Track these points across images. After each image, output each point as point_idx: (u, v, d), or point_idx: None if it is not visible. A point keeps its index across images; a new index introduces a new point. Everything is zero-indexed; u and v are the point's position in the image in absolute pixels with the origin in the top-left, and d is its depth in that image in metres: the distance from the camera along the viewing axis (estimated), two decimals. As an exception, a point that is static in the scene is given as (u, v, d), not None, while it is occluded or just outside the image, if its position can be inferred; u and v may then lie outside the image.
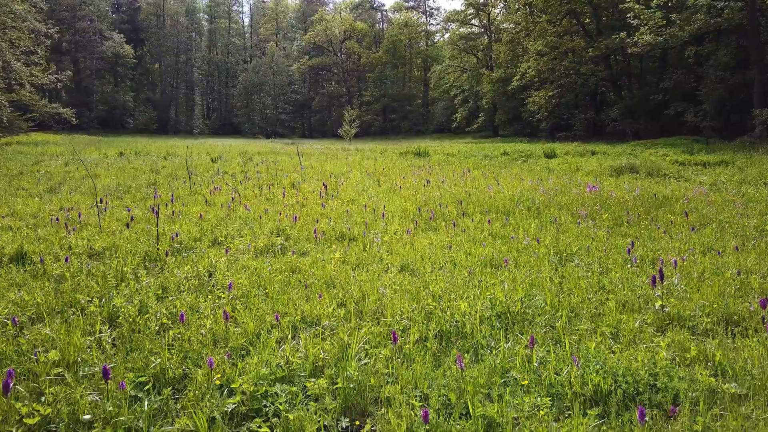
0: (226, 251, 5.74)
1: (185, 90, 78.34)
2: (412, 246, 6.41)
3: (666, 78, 32.79)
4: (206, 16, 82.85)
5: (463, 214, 8.69)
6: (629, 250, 5.64)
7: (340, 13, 77.40)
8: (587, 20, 38.60)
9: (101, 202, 9.00)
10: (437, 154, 25.97)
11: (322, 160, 22.69)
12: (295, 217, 7.60)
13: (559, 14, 38.28)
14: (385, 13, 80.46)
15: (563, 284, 4.80)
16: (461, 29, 60.52)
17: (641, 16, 28.49)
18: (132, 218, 7.62)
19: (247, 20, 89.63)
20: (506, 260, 5.37)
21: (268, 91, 70.34)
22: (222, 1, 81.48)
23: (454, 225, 7.35)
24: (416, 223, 7.85)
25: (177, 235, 6.27)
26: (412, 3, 77.01)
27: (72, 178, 14.47)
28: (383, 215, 8.19)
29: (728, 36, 29.01)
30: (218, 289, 4.67)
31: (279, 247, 6.37)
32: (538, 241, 6.27)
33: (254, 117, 69.76)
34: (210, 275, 5.08)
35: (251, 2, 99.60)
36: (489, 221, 7.65)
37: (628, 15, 29.51)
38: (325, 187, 10.79)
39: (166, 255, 5.66)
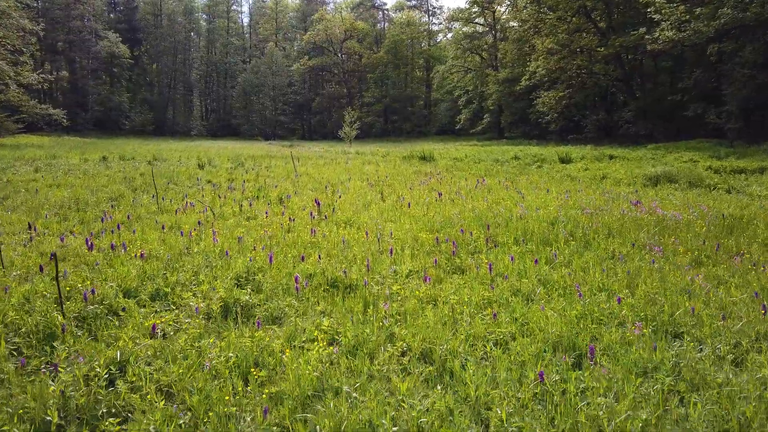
0: (153, 328, 3.76)
1: (183, 91, 76.38)
2: (435, 306, 4.45)
3: (684, 77, 30.72)
4: (204, 16, 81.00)
5: (495, 245, 6.73)
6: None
7: (340, 12, 75.43)
8: (599, 17, 36.60)
9: (30, 228, 7.04)
10: (443, 159, 24.02)
11: (319, 165, 20.75)
12: (270, 257, 5.62)
13: (570, 11, 36.30)
14: (386, 12, 78.55)
15: (705, 413, 2.82)
16: (465, 28, 58.57)
17: (663, 11, 26.50)
18: (53, 256, 5.66)
19: (246, 20, 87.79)
20: (591, 348, 3.39)
21: (267, 92, 68.29)
22: (221, 1, 79.56)
23: (490, 268, 5.36)
24: (435, 261, 5.89)
25: (93, 292, 4.31)
26: (414, 2, 75.14)
27: (29, 189, 12.55)
28: (391, 250, 6.23)
29: (753, 32, 26.96)
30: (113, 423, 2.70)
31: (242, 306, 4.42)
32: (619, 301, 4.31)
33: (253, 118, 67.76)
34: (111, 383, 3.11)
35: (250, 2, 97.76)
36: (536, 261, 5.68)
37: (649, 10, 27.53)
38: (318, 204, 8.83)
39: (63, 331, 3.71)
